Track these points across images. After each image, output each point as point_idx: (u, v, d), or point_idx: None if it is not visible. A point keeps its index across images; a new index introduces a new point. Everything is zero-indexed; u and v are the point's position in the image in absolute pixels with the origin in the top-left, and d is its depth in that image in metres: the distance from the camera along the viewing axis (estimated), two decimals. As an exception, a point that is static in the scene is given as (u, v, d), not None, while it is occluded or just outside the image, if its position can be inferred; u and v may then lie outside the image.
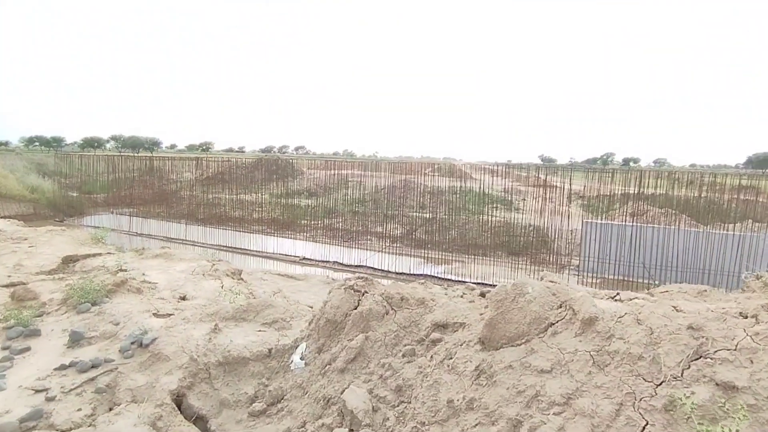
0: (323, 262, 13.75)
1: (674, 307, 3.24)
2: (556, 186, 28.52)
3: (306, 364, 3.99)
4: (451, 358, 3.37)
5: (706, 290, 4.09)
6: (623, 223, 13.03)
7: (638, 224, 12.82)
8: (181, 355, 4.08)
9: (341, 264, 13.58)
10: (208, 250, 15.05)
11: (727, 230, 13.10)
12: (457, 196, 22.19)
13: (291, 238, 16.61)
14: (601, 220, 14.69)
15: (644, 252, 12.10)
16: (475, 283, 11.74)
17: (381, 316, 3.91)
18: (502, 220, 17.90)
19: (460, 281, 12.02)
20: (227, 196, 19.80)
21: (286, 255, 14.32)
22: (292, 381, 3.90)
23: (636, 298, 3.79)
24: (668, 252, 11.91)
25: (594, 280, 12.74)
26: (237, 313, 4.60)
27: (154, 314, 4.75)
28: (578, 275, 13.19)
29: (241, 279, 6.15)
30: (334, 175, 24.72)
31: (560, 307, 3.26)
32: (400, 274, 12.69)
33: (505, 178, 29.76)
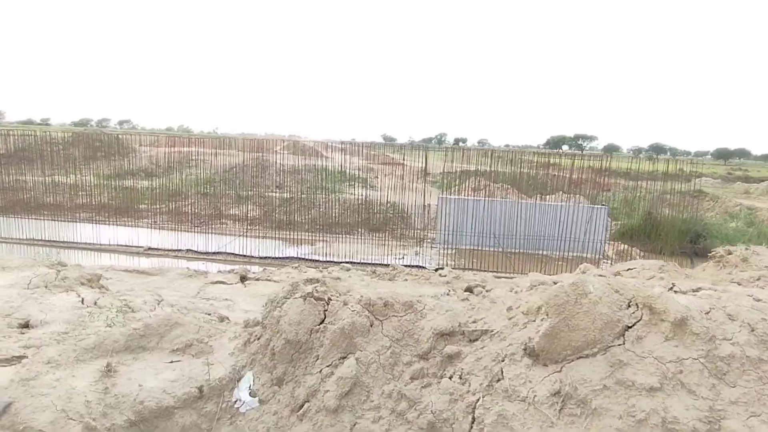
0: (173, 251, 12.23)
1: (750, 295, 2.95)
2: (404, 164, 30.03)
3: (261, 401, 2.96)
4: (501, 380, 2.66)
5: (664, 265, 4.31)
6: (474, 198, 14.27)
7: (488, 199, 14.16)
8: (66, 424, 2.58)
9: (196, 252, 12.25)
10: (31, 247, 12.19)
11: (548, 200, 15.35)
12: (314, 174, 21.84)
13: (129, 225, 14.41)
14: (454, 195, 15.87)
15: (492, 223, 13.44)
16: (346, 263, 11.71)
17: (366, 330, 3.05)
18: (360, 198, 18.16)
19: (330, 261, 11.85)
20: (35, 179, 16.23)
21: (126, 246, 12.36)
22: (248, 430, 2.83)
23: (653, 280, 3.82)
24: (512, 222, 13.42)
25: (450, 251, 13.76)
26: (131, 341, 3.24)
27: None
28: (436, 247, 14.11)
29: (103, 287, 4.86)
30: (175, 153, 22.14)
31: (629, 306, 2.74)
32: (265, 258, 11.97)
33: (357, 156, 30.30)
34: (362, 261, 12.18)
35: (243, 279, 8.05)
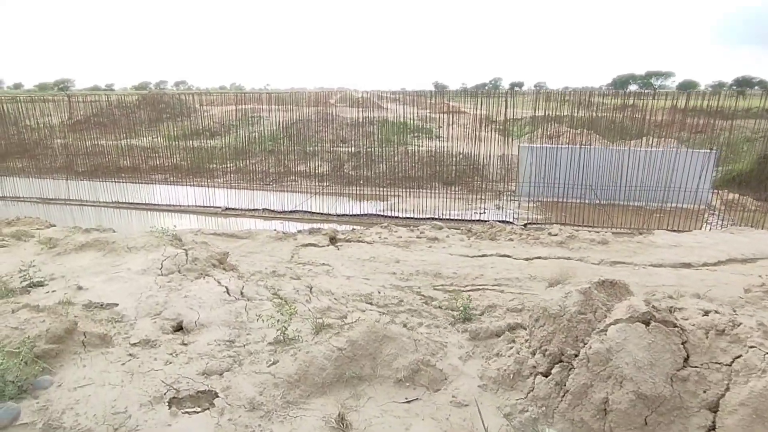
0: (250, 211, 12.10)
1: None
2: (465, 111, 28.48)
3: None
4: None
5: None
6: (561, 145, 13.06)
7: (576, 146, 12.91)
8: None
9: (272, 211, 12.06)
10: (118, 210, 12.50)
11: (634, 146, 13.82)
12: (377, 127, 21.05)
13: (203, 186, 14.45)
14: (536, 144, 14.67)
15: (580, 173, 12.26)
16: (432, 219, 11.12)
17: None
18: (428, 149, 17.31)
19: (409, 218, 11.30)
20: (110, 143, 16.57)
21: (203, 207, 12.37)
22: None
23: None
24: (602, 171, 12.19)
25: (533, 204, 12.81)
26: (341, 366, 2.45)
27: (170, 400, 2.41)
28: (517, 200, 13.18)
29: (234, 268, 4.49)
30: (236, 111, 21.99)
31: None
32: (342, 216, 11.60)
33: (414, 106, 29.10)
34: (442, 217, 11.53)
35: (333, 240, 7.66)
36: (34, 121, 17.13)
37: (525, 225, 10.92)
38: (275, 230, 8.15)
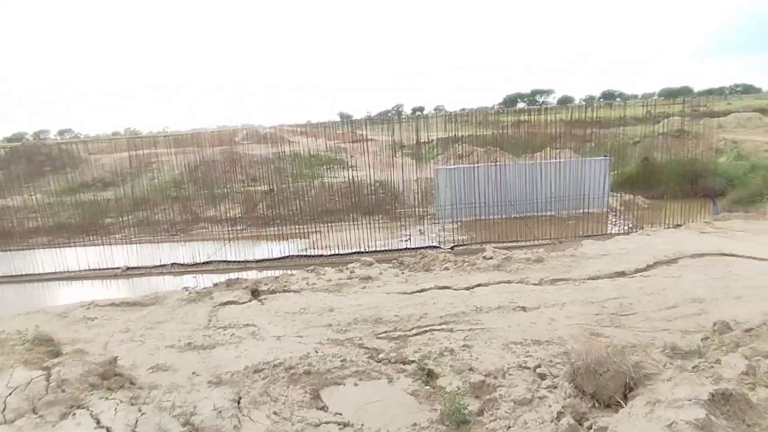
0: (156, 267, 10.77)
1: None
2: (374, 139, 28.74)
3: None
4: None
5: None
6: (473, 165, 13.31)
7: (487, 164, 13.24)
8: None
9: (181, 265, 10.84)
10: (24, 288, 10.42)
11: (538, 159, 14.59)
12: (288, 162, 20.35)
13: (97, 244, 12.72)
14: (450, 165, 14.89)
15: (495, 190, 12.54)
16: (359, 253, 10.60)
17: None
18: (343, 180, 16.98)
19: (335, 255, 10.72)
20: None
21: (99, 270, 10.80)
22: None
23: None
24: (515, 186, 12.57)
25: (455, 226, 12.85)
26: None
27: None
28: (438, 223, 13.16)
29: (130, 383, 3.29)
30: (130, 157, 20.12)
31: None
32: (262, 261, 10.71)
33: (323, 138, 28.88)
34: (369, 249, 11.10)
35: (256, 294, 6.86)
36: None
37: (452, 248, 10.85)
38: (187, 290, 7.16)
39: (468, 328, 4.87)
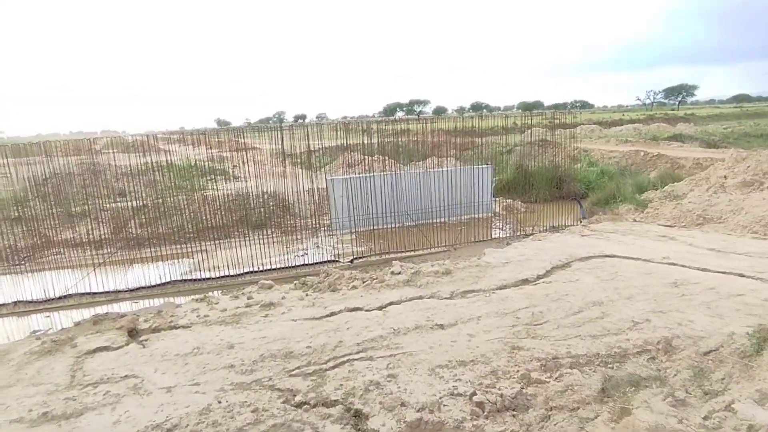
0: (-7, 307, 8.73)
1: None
2: (258, 147, 27.59)
3: None
4: None
5: None
6: (366, 174, 13.16)
7: (381, 173, 13.19)
8: None
9: (29, 302, 8.94)
10: None
11: (422, 168, 15.08)
12: (162, 173, 18.39)
13: None
14: (342, 175, 14.58)
15: (388, 198, 12.54)
16: (253, 273, 9.71)
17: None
18: (228, 192, 15.82)
19: (226, 276, 9.72)
20: None
21: None
22: None
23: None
24: (407, 194, 12.71)
25: (351, 237, 12.57)
26: None
27: None
28: (334, 235, 12.78)
29: None
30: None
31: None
32: (137, 290, 9.28)
33: (203, 146, 26.91)
34: (264, 268, 10.29)
35: (134, 334, 5.78)
36: None
37: (352, 260, 10.52)
38: (38, 337, 5.79)
39: (389, 353, 4.55)
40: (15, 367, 4.92)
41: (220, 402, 4.00)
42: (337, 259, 10.65)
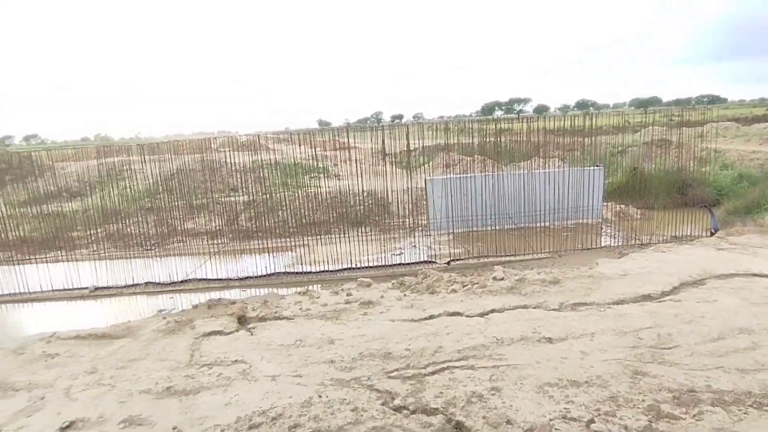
0: (128, 287, 9.88)
1: None
2: (358, 147, 28.22)
3: None
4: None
5: None
6: (466, 174, 12.85)
7: (481, 174, 12.79)
8: None
9: (157, 284, 9.97)
10: None
11: (526, 169, 14.24)
12: (269, 170, 19.59)
13: (61, 260, 11.72)
14: (442, 175, 14.40)
15: (489, 200, 12.08)
16: (350, 269, 9.95)
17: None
18: (329, 190, 16.36)
19: (325, 272, 10.05)
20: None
21: (63, 290, 9.84)
22: None
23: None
24: (519, 196, 12.13)
25: (448, 237, 12.33)
26: None
27: None
28: (430, 235, 12.62)
29: None
30: (98, 165, 19.02)
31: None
32: (245, 279, 9.94)
33: (305, 145, 28.24)
34: (361, 265, 10.45)
35: (242, 321, 6.14)
36: None
37: (448, 262, 10.30)
38: (164, 317, 6.38)
39: (492, 364, 4.29)
40: (145, 342, 5.45)
41: (320, 396, 4.04)
42: (433, 260, 10.50)
